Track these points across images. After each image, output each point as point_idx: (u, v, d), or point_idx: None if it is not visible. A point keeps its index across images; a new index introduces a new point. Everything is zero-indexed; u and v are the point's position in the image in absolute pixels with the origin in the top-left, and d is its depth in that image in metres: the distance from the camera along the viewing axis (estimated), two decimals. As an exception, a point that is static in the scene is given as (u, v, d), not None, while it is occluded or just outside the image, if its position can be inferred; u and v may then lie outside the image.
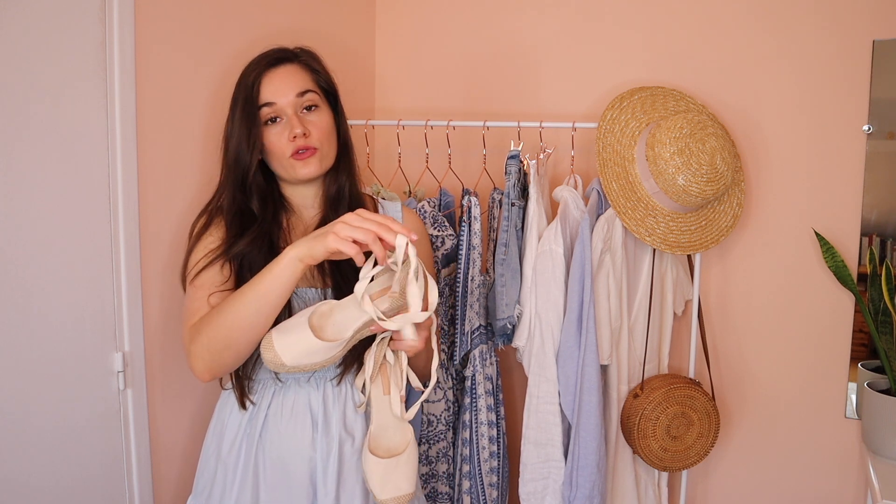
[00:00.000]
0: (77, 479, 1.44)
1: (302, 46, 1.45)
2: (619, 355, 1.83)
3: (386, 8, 2.32)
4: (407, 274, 1.18)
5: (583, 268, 1.70)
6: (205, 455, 1.43)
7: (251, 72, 1.38)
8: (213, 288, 1.31)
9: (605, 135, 1.79)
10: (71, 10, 1.38)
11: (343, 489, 1.36)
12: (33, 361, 1.36)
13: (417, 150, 2.03)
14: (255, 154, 1.37)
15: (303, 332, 1.16)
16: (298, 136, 1.36)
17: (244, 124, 1.36)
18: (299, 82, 1.39)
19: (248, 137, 1.35)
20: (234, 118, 1.37)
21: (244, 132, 1.35)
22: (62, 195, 1.39)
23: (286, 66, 1.39)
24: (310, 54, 1.45)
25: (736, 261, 1.98)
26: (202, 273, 1.33)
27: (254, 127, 1.36)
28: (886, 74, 1.77)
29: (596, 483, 1.71)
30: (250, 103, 1.36)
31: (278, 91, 1.37)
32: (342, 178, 1.45)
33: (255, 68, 1.38)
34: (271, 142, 1.37)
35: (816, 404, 1.92)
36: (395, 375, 1.33)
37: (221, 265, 1.33)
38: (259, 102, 1.36)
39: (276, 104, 1.36)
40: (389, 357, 1.32)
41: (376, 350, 1.30)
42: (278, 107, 1.37)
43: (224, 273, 1.33)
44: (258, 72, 1.37)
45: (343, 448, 1.36)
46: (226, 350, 1.23)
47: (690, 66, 1.96)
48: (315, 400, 1.37)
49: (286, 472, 1.35)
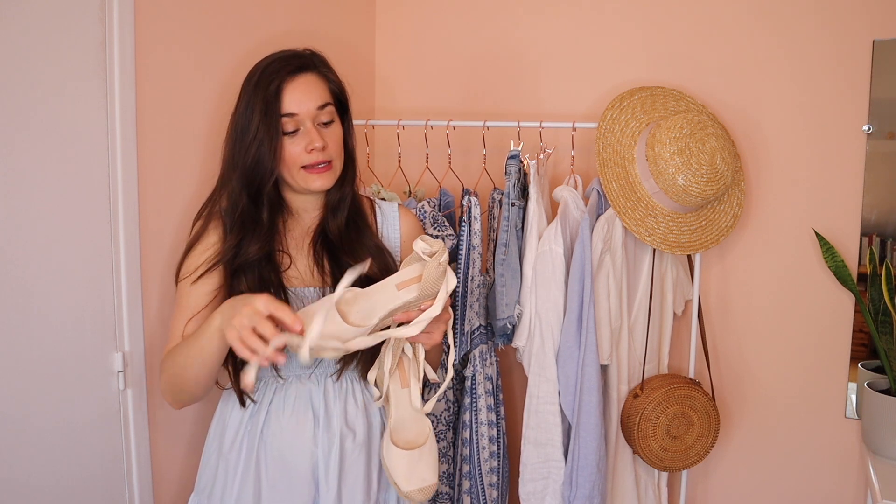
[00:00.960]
0: (77, 479, 1.44)
1: (311, 49, 1.43)
2: (619, 355, 1.83)
3: (386, 8, 2.32)
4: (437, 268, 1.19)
5: (583, 268, 1.70)
6: (206, 452, 1.44)
7: (272, 78, 1.34)
8: (197, 307, 1.33)
9: (605, 135, 1.79)
10: (71, 10, 1.38)
11: (344, 484, 1.37)
12: (33, 361, 1.36)
13: (417, 150, 2.03)
14: (276, 163, 1.34)
15: (331, 314, 1.17)
16: (317, 150, 1.35)
17: (267, 133, 1.32)
18: (321, 94, 1.37)
19: (270, 146, 1.32)
20: (252, 123, 1.33)
21: (267, 140, 1.32)
22: (62, 195, 1.39)
23: (306, 75, 1.37)
24: (323, 62, 1.42)
25: (736, 261, 1.98)
26: (192, 288, 1.33)
27: (276, 136, 1.33)
28: (886, 74, 1.77)
29: (596, 483, 1.71)
30: (273, 111, 1.33)
31: (301, 102, 1.34)
32: (346, 189, 1.44)
33: (277, 75, 1.34)
34: (286, 151, 1.35)
35: (816, 404, 1.92)
36: (413, 369, 1.35)
37: (219, 271, 1.34)
38: (281, 112, 1.33)
39: (298, 115, 1.34)
40: (407, 350, 1.33)
41: (394, 344, 1.30)
42: (299, 118, 1.34)
43: (219, 279, 1.34)
44: (281, 79, 1.34)
45: (344, 443, 1.37)
46: (182, 392, 1.32)
47: (690, 66, 1.96)
48: (316, 396, 1.38)
49: (287, 467, 1.35)
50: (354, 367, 1.40)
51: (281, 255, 1.39)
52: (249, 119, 1.34)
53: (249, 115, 1.34)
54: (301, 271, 1.41)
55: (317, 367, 1.39)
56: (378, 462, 1.43)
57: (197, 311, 1.33)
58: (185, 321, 1.33)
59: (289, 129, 1.34)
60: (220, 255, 1.34)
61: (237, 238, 1.35)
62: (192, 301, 1.34)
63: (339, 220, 1.44)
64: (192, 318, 1.33)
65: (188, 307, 1.34)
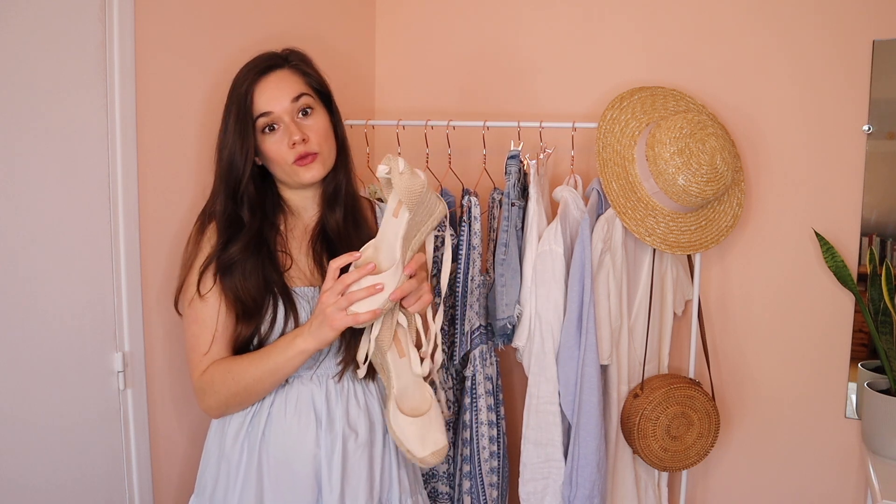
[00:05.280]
0: (77, 479, 1.44)
1: (291, 48, 1.45)
2: (619, 355, 1.83)
3: (386, 8, 2.32)
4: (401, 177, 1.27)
5: (583, 268, 1.70)
6: (206, 454, 1.44)
7: (242, 81, 1.38)
8: (215, 317, 1.35)
9: (605, 135, 1.79)
10: (71, 11, 1.38)
11: (347, 485, 1.37)
12: (33, 361, 1.36)
13: (417, 150, 2.03)
14: (247, 164, 1.37)
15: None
16: (298, 143, 1.36)
17: (238, 135, 1.36)
18: (292, 87, 1.38)
19: (241, 148, 1.36)
20: (227, 128, 1.37)
21: (238, 142, 1.36)
22: (62, 195, 1.39)
23: (277, 72, 1.39)
24: (299, 56, 1.44)
25: (736, 261, 1.98)
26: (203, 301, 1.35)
27: (247, 137, 1.36)
28: (886, 74, 1.77)
29: (596, 483, 1.71)
30: (244, 113, 1.36)
31: (273, 99, 1.36)
32: (340, 177, 1.46)
33: (246, 78, 1.37)
34: (272, 150, 1.37)
35: (816, 404, 1.92)
36: (409, 337, 1.37)
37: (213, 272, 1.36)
38: (255, 113, 1.36)
39: (273, 112, 1.36)
40: (402, 321, 1.35)
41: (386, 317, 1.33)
42: (275, 115, 1.37)
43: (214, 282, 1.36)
44: (250, 81, 1.37)
45: (347, 444, 1.37)
46: (239, 406, 1.37)
47: (690, 66, 1.96)
48: (318, 397, 1.38)
49: (290, 469, 1.35)
50: (354, 368, 1.41)
51: (283, 256, 1.40)
52: (226, 125, 1.38)
53: (226, 121, 1.38)
54: (302, 270, 1.41)
55: (318, 367, 1.39)
56: (380, 461, 1.43)
57: (216, 319, 1.35)
58: (211, 333, 1.35)
59: (265, 126, 1.37)
60: (209, 258, 1.36)
61: (223, 239, 1.37)
62: (208, 312, 1.35)
63: (337, 215, 1.45)
64: (216, 328, 1.35)
65: (208, 318, 1.35)
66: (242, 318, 1.35)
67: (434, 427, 1.35)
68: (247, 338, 1.36)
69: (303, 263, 1.42)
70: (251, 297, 1.34)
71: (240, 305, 1.35)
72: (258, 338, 1.36)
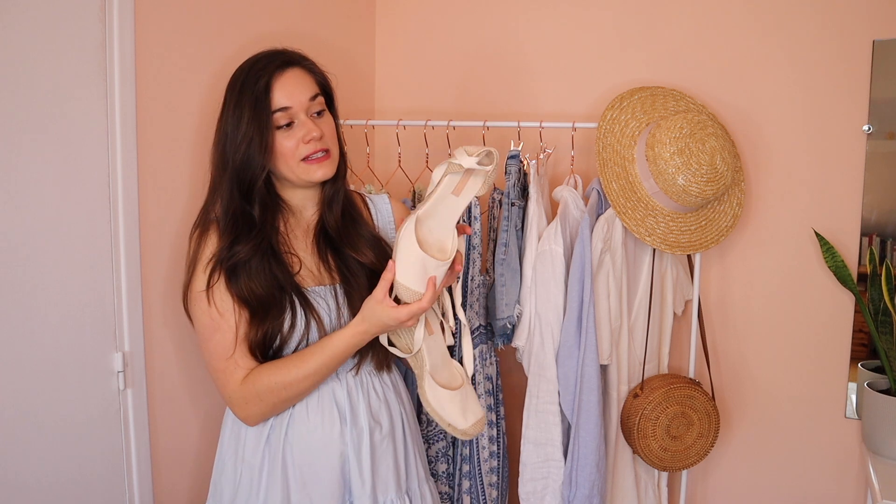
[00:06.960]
0: (77, 479, 1.44)
1: (288, 49, 1.44)
2: (619, 355, 1.83)
3: (386, 8, 2.32)
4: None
5: (583, 268, 1.70)
6: (221, 460, 1.43)
7: (259, 76, 1.34)
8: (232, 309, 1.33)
9: (605, 135, 1.79)
10: (71, 11, 1.39)
11: (378, 477, 1.39)
12: (33, 361, 1.36)
13: (417, 150, 2.03)
14: (267, 159, 1.35)
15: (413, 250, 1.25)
16: (314, 140, 1.35)
17: (257, 129, 1.32)
18: (309, 86, 1.38)
19: (261, 142, 1.33)
20: (241, 121, 1.33)
21: (257, 137, 1.32)
22: (63, 195, 1.39)
23: (295, 69, 1.38)
24: (305, 57, 1.44)
25: (736, 261, 1.98)
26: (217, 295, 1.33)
27: (267, 131, 1.33)
28: (886, 74, 1.77)
29: (595, 483, 1.71)
30: (262, 107, 1.33)
31: (293, 95, 1.35)
32: (339, 182, 1.46)
33: (264, 72, 1.35)
34: (283, 145, 1.35)
35: (816, 404, 1.92)
36: (436, 315, 1.39)
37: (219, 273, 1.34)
38: (273, 107, 1.34)
39: (292, 108, 1.35)
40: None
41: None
42: (293, 111, 1.35)
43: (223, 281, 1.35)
44: (269, 75, 1.34)
45: (373, 437, 1.39)
46: (284, 407, 1.36)
47: (690, 66, 1.96)
48: (339, 393, 1.39)
49: (316, 468, 1.36)
50: (370, 361, 1.42)
51: (290, 258, 1.39)
52: (239, 118, 1.34)
53: (239, 115, 1.34)
54: (310, 270, 1.42)
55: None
56: (405, 450, 1.45)
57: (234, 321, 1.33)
58: (232, 335, 1.33)
59: (282, 122, 1.35)
60: (216, 257, 1.34)
61: (230, 238, 1.35)
62: (225, 315, 1.33)
63: (335, 214, 1.45)
64: (235, 329, 1.33)
65: (226, 312, 1.33)
66: (253, 319, 1.33)
67: (471, 398, 1.36)
68: (262, 340, 1.33)
69: (309, 263, 1.43)
70: (261, 296, 1.33)
71: (251, 306, 1.33)
72: (279, 339, 1.34)
